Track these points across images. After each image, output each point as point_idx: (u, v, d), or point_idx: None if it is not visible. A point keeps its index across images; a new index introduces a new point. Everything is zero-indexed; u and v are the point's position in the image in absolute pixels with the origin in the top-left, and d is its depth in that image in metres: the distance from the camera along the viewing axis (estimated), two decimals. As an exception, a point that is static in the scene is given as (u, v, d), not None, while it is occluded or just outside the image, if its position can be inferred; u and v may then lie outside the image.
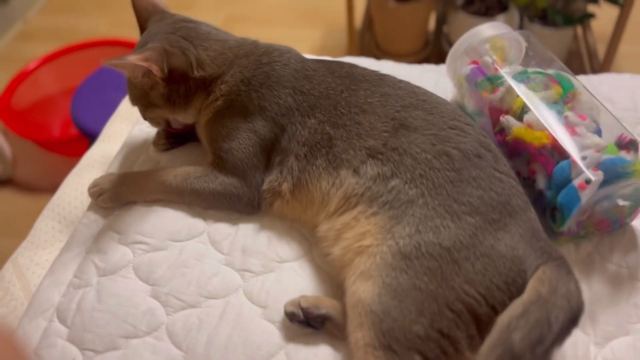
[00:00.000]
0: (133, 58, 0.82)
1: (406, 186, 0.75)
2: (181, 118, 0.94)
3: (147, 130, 1.06)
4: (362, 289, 0.69)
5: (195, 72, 0.88)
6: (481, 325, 0.66)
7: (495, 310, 0.66)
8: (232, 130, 0.87)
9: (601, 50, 2.03)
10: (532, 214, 0.75)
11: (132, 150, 1.02)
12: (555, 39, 1.97)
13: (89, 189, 0.91)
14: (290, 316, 0.75)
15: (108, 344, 0.75)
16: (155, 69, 0.84)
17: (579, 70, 2.05)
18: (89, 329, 0.76)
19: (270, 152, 0.86)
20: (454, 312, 0.65)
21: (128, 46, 2.13)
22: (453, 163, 0.76)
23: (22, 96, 2.11)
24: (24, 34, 2.72)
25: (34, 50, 2.37)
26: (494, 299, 0.66)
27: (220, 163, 0.87)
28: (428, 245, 0.69)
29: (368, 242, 0.73)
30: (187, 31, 0.89)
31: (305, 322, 0.74)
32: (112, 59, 0.80)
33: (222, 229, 0.88)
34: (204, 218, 0.89)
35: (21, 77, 2.12)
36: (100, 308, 0.78)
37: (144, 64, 0.82)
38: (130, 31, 0.94)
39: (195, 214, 0.89)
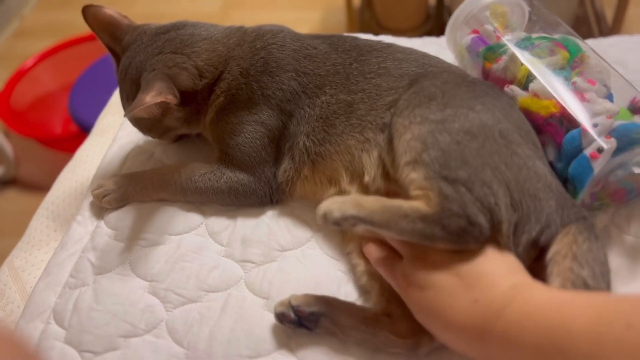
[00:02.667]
0: (148, 98, 0.77)
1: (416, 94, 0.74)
2: (198, 129, 0.91)
3: (139, 121, 1.03)
4: (405, 160, 0.67)
5: (199, 83, 0.84)
6: (512, 206, 0.63)
7: (522, 209, 0.64)
8: (237, 126, 0.83)
9: (609, 13, 1.96)
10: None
11: (124, 143, 0.99)
12: (560, 4, 1.90)
13: (93, 190, 0.88)
14: (280, 317, 0.70)
15: (107, 345, 0.73)
16: (171, 99, 0.80)
17: (587, 35, 1.98)
18: (87, 330, 0.74)
19: (279, 141, 0.83)
20: (495, 176, 0.63)
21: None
22: (464, 80, 0.76)
23: (21, 94, 2.09)
24: (20, 31, 2.70)
25: (31, 47, 2.35)
26: (523, 196, 0.64)
27: (227, 159, 0.84)
28: (465, 115, 0.68)
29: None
30: (172, 44, 0.84)
31: (297, 322, 0.70)
32: (131, 110, 0.76)
33: (221, 220, 0.85)
34: (202, 210, 0.86)
35: (19, 75, 2.11)
36: (98, 308, 0.76)
37: (161, 99, 0.78)
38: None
39: (192, 206, 0.87)
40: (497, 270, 0.60)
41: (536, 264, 0.66)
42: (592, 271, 0.62)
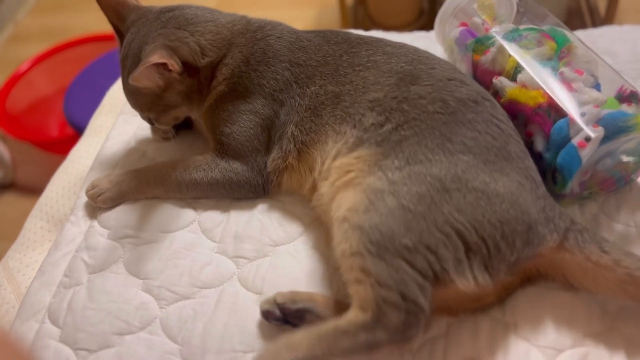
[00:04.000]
0: (153, 58, 0.77)
1: (398, 128, 0.74)
2: (196, 112, 0.91)
3: (131, 120, 1.03)
4: (348, 207, 0.68)
5: (201, 60, 0.85)
6: (470, 253, 0.64)
7: (487, 245, 0.64)
8: (233, 114, 0.84)
9: (602, 5, 1.96)
10: (530, 162, 0.72)
11: (116, 142, 0.99)
12: (553, -3, 1.91)
13: (87, 190, 0.88)
14: (265, 315, 0.71)
15: (101, 342, 0.73)
16: (172, 64, 0.80)
17: (580, 27, 1.98)
18: (82, 328, 0.74)
19: (270, 130, 0.84)
20: (443, 233, 0.64)
21: (118, 40, 2.09)
22: (447, 107, 0.74)
23: (17, 99, 2.09)
24: (15, 36, 2.70)
25: (27, 51, 2.35)
26: (484, 231, 0.64)
27: (221, 149, 0.85)
28: (418, 174, 0.67)
29: (353, 175, 0.72)
30: (176, 20, 0.85)
31: (282, 320, 0.70)
32: (133, 73, 0.77)
33: (213, 217, 0.85)
34: (194, 207, 0.86)
35: (14, 80, 2.10)
36: (92, 306, 0.76)
37: (164, 61, 0.79)
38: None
39: (185, 203, 0.87)
40: None
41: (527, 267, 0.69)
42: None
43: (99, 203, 0.87)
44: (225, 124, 0.84)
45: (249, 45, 0.86)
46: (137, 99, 0.88)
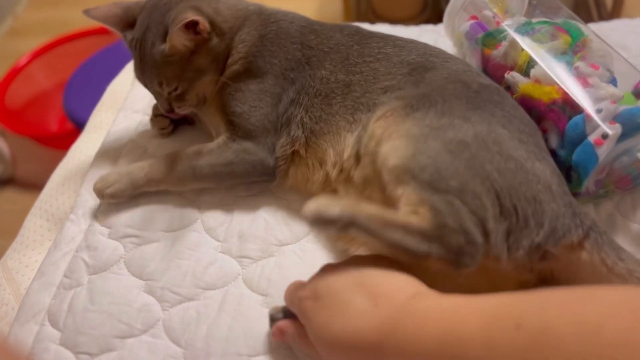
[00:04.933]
0: (183, 17, 0.77)
1: (419, 97, 0.72)
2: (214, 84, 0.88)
3: (132, 116, 1.01)
4: (394, 156, 0.65)
5: (221, 21, 0.84)
6: (502, 215, 0.62)
7: (517, 215, 0.62)
8: (246, 93, 0.83)
9: (609, -2, 1.94)
10: (553, 161, 0.71)
11: (117, 138, 0.97)
12: (560, -10, 1.88)
13: (95, 184, 0.85)
14: (274, 322, 0.67)
15: (103, 346, 0.71)
16: (202, 22, 0.80)
17: (586, 20, 1.95)
18: (82, 331, 0.72)
19: (279, 107, 0.83)
20: (484, 186, 0.62)
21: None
22: (470, 87, 0.73)
23: (16, 93, 2.07)
24: (14, 30, 2.67)
25: (26, 45, 2.33)
26: (518, 201, 0.62)
27: (232, 130, 0.83)
28: (459, 127, 0.66)
29: (388, 127, 0.70)
30: None
31: None
32: (170, 34, 0.77)
33: (217, 216, 0.83)
34: (197, 205, 0.84)
35: (13, 74, 2.08)
36: (93, 308, 0.74)
37: (195, 18, 0.78)
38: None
39: (188, 201, 0.85)
40: (398, 283, 0.57)
41: (544, 266, 0.66)
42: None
43: (106, 197, 0.84)
44: (238, 104, 0.83)
45: (263, 26, 0.87)
46: (166, 70, 0.83)
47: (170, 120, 0.95)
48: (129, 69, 1.25)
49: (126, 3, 0.88)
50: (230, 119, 0.83)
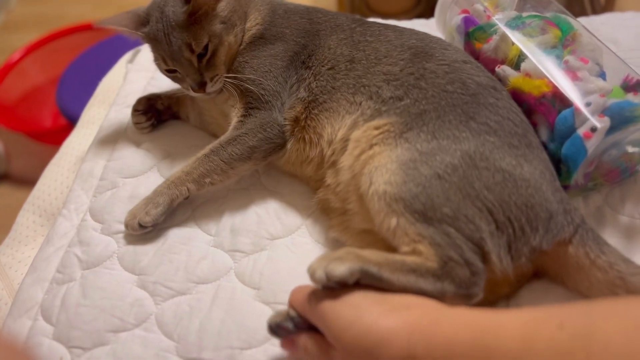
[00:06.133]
0: None
1: (417, 103, 0.74)
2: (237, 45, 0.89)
3: (124, 111, 1.01)
4: (384, 181, 0.67)
5: None
6: (498, 231, 0.63)
7: (513, 226, 0.63)
8: (260, 59, 0.86)
9: (602, -8, 1.94)
10: (546, 155, 0.72)
11: (109, 134, 0.97)
12: (553, -16, 1.88)
13: (126, 222, 0.80)
14: (274, 328, 0.62)
15: (96, 340, 0.71)
16: None
17: (580, 15, 1.96)
18: (75, 326, 0.72)
19: (290, 69, 0.86)
20: (476, 207, 0.63)
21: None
22: (467, 89, 0.74)
23: (9, 89, 2.06)
24: (8, 24, 2.66)
25: (19, 40, 2.31)
26: (511, 213, 0.64)
27: (245, 100, 0.85)
28: (448, 148, 0.67)
29: (379, 149, 0.71)
30: None
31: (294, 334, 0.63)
32: None
33: (209, 209, 0.83)
34: (190, 200, 0.84)
35: (6, 69, 2.07)
36: (86, 303, 0.74)
37: None
38: (116, 13, 0.86)
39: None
40: (420, 297, 0.58)
41: (536, 262, 0.67)
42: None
43: (139, 227, 0.79)
44: (252, 71, 0.86)
45: (273, 4, 0.92)
46: (194, 28, 0.83)
47: (147, 118, 0.95)
48: (121, 64, 1.25)
49: (133, 8, 0.87)
50: (244, 86, 0.85)
